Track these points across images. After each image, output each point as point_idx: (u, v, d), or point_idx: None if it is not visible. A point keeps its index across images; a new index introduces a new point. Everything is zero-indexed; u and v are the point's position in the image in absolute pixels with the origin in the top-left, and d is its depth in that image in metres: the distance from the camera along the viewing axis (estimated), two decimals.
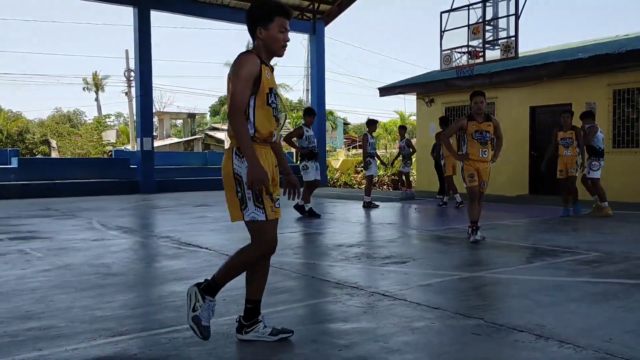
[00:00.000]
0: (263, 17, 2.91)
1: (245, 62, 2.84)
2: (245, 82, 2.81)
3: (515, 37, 11.81)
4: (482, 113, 6.55)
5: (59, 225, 8.54)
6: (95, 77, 53.16)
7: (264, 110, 2.90)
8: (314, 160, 9.51)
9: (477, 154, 6.47)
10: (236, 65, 2.85)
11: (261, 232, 2.92)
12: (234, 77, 2.83)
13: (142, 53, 16.32)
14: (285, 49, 2.97)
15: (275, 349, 2.91)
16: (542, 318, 3.41)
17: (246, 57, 2.87)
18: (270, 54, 2.97)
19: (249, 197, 2.86)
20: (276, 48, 2.94)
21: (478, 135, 6.47)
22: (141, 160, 16.45)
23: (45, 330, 3.25)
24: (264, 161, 2.89)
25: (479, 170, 6.50)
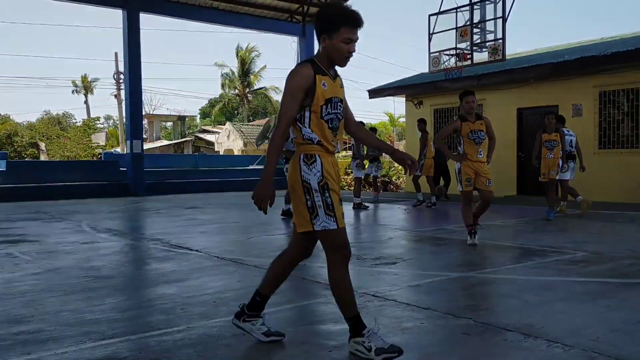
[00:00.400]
0: (329, 26, 2.80)
1: (295, 75, 2.79)
2: (291, 96, 2.78)
3: (503, 39, 11.91)
4: (474, 112, 6.49)
5: (48, 229, 8.49)
6: (85, 80, 52.86)
7: (320, 123, 2.86)
8: None
9: (475, 155, 6.36)
10: (288, 77, 2.82)
11: (332, 239, 2.82)
12: (284, 89, 2.82)
13: (131, 55, 16.26)
14: (349, 60, 2.88)
15: (265, 351, 2.92)
16: (531, 317, 3.44)
17: (297, 70, 2.81)
18: (332, 63, 2.88)
19: (320, 205, 2.78)
20: (338, 59, 2.85)
21: (473, 136, 6.37)
22: (131, 163, 16.38)
23: (34, 334, 3.23)
24: (329, 169, 2.86)
25: (478, 171, 6.36)
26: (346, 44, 2.81)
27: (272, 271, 3.10)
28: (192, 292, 4.26)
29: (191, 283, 4.58)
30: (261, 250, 6.28)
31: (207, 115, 54.07)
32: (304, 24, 19.73)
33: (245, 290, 4.29)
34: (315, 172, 2.82)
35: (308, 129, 2.90)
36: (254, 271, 5.08)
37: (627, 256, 5.55)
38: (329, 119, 2.88)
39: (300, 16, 19.71)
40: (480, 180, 6.37)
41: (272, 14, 19.51)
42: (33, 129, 41.36)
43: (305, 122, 2.88)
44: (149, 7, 16.84)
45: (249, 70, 46.82)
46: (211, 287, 4.40)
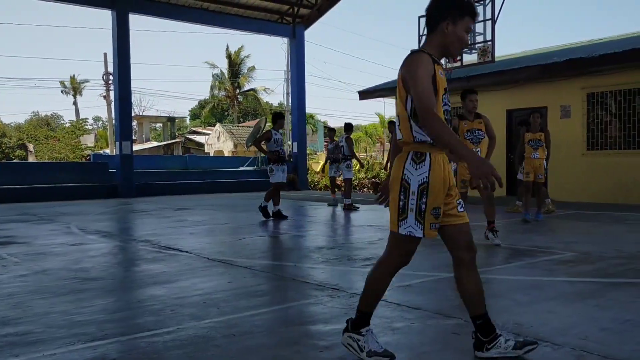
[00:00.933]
0: (456, 11, 2.63)
1: (420, 61, 2.58)
2: (426, 81, 2.54)
3: (492, 41, 11.98)
4: (474, 112, 6.46)
5: (37, 230, 8.42)
6: (73, 81, 52.52)
7: (440, 113, 2.65)
8: (280, 164, 9.71)
9: None
10: (411, 65, 2.59)
11: (407, 245, 2.73)
12: (412, 79, 2.56)
13: (120, 56, 16.18)
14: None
15: (256, 352, 2.91)
16: (520, 317, 3.46)
17: (420, 56, 2.61)
18: (445, 53, 2.73)
19: (412, 209, 2.62)
20: (455, 48, 2.70)
21: (470, 135, 6.36)
22: (120, 164, 16.29)
23: (22, 336, 3.20)
24: (440, 169, 2.66)
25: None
26: (466, 33, 2.69)
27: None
28: (181, 293, 4.24)
29: (181, 284, 4.56)
30: (251, 252, 6.27)
31: (197, 117, 53.92)
32: (294, 26, 19.73)
33: (235, 291, 4.28)
34: (420, 172, 2.62)
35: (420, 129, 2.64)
36: (244, 272, 5.07)
37: (615, 256, 5.60)
38: (445, 110, 2.72)
39: (290, 17, 19.72)
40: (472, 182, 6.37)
41: (262, 15, 19.50)
42: (21, 130, 41.04)
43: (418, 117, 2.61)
44: (138, 8, 16.77)
45: (239, 72, 46.76)
46: (201, 288, 4.38)
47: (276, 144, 9.69)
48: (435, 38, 2.69)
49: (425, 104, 2.50)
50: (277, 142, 9.70)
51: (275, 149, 9.69)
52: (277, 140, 9.73)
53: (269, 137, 9.67)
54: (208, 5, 18.19)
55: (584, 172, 12.77)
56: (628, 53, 11.53)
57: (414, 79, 2.54)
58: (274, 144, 9.68)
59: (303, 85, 20.17)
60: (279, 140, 9.78)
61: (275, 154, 9.66)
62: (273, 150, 9.68)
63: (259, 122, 25.93)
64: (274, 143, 9.68)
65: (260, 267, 5.28)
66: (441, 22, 2.65)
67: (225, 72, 46.94)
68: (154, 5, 17.09)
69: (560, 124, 13.14)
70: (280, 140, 9.87)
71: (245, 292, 4.26)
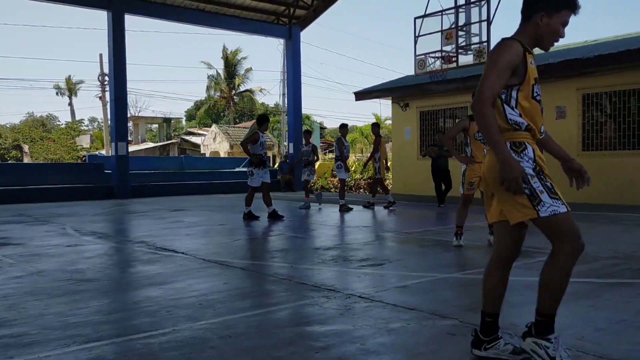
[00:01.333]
0: (553, 3, 2.57)
1: (506, 49, 2.52)
2: (500, 72, 2.49)
3: (488, 42, 12.00)
4: None
5: (32, 231, 8.39)
6: (69, 82, 52.41)
7: (530, 104, 2.59)
8: (262, 168, 9.64)
9: (480, 156, 6.25)
10: (495, 52, 2.55)
11: (568, 225, 2.57)
12: (489, 64, 2.53)
13: (116, 57, 16.15)
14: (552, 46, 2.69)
15: (252, 353, 2.91)
16: (515, 318, 3.47)
17: (508, 44, 2.55)
18: (537, 44, 2.66)
19: (541, 190, 2.54)
20: (548, 41, 2.64)
21: (480, 136, 6.26)
22: (116, 165, 16.25)
23: (17, 338, 3.19)
24: (541, 155, 2.65)
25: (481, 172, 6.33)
26: (562, 27, 2.62)
27: (487, 284, 2.83)
28: (177, 294, 4.23)
29: (177, 285, 4.56)
30: (247, 253, 6.26)
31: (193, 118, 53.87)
32: (290, 27, 19.74)
33: (231, 293, 4.28)
34: (527, 159, 2.57)
35: (515, 112, 2.59)
36: (240, 273, 5.07)
37: (610, 256, 5.62)
38: (538, 100, 2.64)
39: (286, 18, 19.73)
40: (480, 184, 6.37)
41: (258, 16, 19.50)
42: (16, 131, 40.90)
43: (512, 103, 2.58)
44: (134, 9, 16.74)
45: (235, 72, 46.74)
46: (197, 290, 4.37)
47: (261, 147, 9.66)
48: (529, 28, 2.63)
49: (485, 92, 2.48)
50: (262, 145, 9.66)
51: (260, 152, 9.65)
52: (263, 143, 9.68)
53: (256, 139, 9.53)
54: (204, 6, 18.18)
55: None
56: (623, 54, 11.58)
57: (491, 65, 2.52)
58: (259, 146, 9.61)
59: (299, 86, 20.18)
60: (264, 143, 9.72)
61: (258, 157, 9.61)
62: (257, 154, 9.61)
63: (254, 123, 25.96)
64: (259, 146, 9.61)
65: (256, 268, 5.27)
66: (536, 13, 2.59)
67: (221, 72, 46.93)
68: (150, 6, 17.07)
69: (555, 124, 13.17)
70: (266, 143, 9.80)
71: (241, 293, 4.25)
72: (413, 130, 16.84)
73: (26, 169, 18.25)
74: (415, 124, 16.77)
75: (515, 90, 2.57)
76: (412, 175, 16.56)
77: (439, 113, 16.18)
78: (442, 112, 16.14)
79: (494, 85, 2.49)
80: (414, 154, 16.68)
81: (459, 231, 6.45)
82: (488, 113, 2.47)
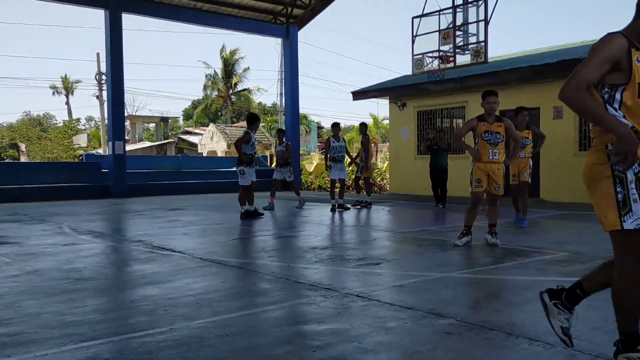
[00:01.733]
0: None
1: (608, 42, 2.38)
2: (598, 63, 2.35)
3: (485, 42, 12.02)
4: (494, 114, 6.39)
5: (28, 230, 8.37)
6: (65, 81, 52.30)
7: (636, 104, 2.40)
8: (251, 167, 9.78)
9: (487, 155, 6.28)
10: (597, 43, 2.42)
11: (633, 242, 2.40)
12: (588, 54, 2.40)
13: (113, 56, 16.11)
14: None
15: (249, 352, 2.91)
16: (513, 317, 3.48)
17: (611, 37, 2.41)
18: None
19: (635, 199, 2.37)
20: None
21: (488, 136, 6.30)
22: (113, 165, 16.22)
23: (13, 337, 3.18)
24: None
25: (491, 173, 6.32)
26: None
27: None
28: (174, 293, 4.23)
29: (174, 284, 4.55)
30: (244, 252, 6.27)
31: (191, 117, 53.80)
32: (288, 26, 19.72)
33: (228, 291, 4.28)
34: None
35: (618, 113, 2.41)
36: (237, 272, 5.07)
37: (606, 256, 5.59)
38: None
39: (284, 18, 19.70)
40: (490, 184, 6.38)
41: (255, 16, 19.47)
42: (13, 130, 40.79)
43: (614, 104, 2.42)
44: (132, 8, 16.70)
45: (233, 72, 46.70)
46: (194, 289, 4.37)
47: (252, 147, 9.79)
48: (638, 24, 2.45)
49: (582, 78, 2.33)
50: (253, 145, 9.80)
51: (251, 152, 9.78)
52: (253, 143, 9.83)
53: (248, 139, 9.67)
54: (202, 5, 18.14)
55: (576, 172, 12.77)
56: None
57: (589, 55, 2.39)
58: (250, 147, 9.74)
59: (296, 86, 20.16)
60: (254, 143, 9.88)
61: (249, 157, 9.74)
62: (248, 154, 9.73)
63: None
64: (250, 146, 9.74)
65: (254, 267, 5.27)
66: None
67: (219, 72, 46.89)
68: (147, 5, 17.03)
69: (552, 125, 13.20)
70: (255, 143, 9.96)
71: (238, 292, 4.26)
72: (410, 130, 16.85)
73: (23, 168, 18.20)
74: (412, 123, 16.78)
75: (619, 90, 2.41)
76: (409, 175, 16.58)
77: (437, 113, 16.19)
78: (440, 111, 16.15)
79: (588, 74, 2.34)
80: (411, 153, 16.69)
81: (466, 231, 6.45)
82: (584, 98, 2.31)
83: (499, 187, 6.39)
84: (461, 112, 15.39)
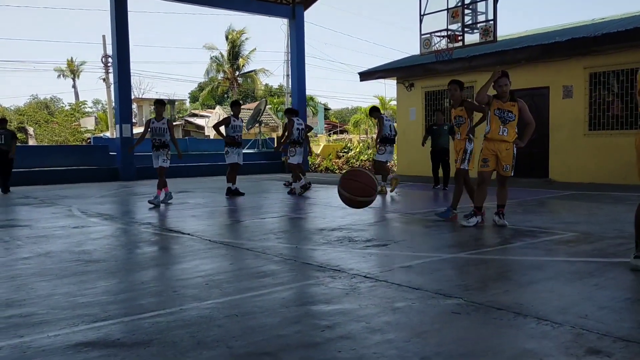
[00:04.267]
0: None
1: None
2: None
3: (494, 20, 11.88)
4: (507, 96, 6.30)
5: (38, 213, 8.44)
6: (71, 64, 52.24)
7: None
8: (235, 147, 10.70)
9: (497, 131, 6.25)
10: None
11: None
12: None
13: (119, 38, 16.07)
14: None
15: (258, 332, 2.94)
16: (520, 297, 3.48)
17: None
18: None
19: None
20: None
21: (499, 113, 6.26)
22: (120, 147, 16.26)
23: (26, 318, 3.23)
24: None
25: (499, 153, 6.31)
26: None
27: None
28: (184, 274, 4.27)
29: (183, 266, 4.59)
30: (252, 234, 6.29)
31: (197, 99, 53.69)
32: (294, 6, 19.54)
33: (237, 273, 4.31)
34: None
35: None
36: (246, 254, 5.10)
37: (615, 236, 5.62)
38: None
39: None
40: (499, 165, 6.37)
41: None
42: (21, 114, 40.94)
43: None
44: None
45: (239, 53, 46.44)
46: (203, 270, 4.41)
47: (233, 130, 10.66)
48: None
49: None
50: (234, 129, 10.67)
51: (232, 135, 10.61)
52: (235, 127, 10.68)
53: (228, 122, 10.63)
54: None
55: (585, 152, 12.74)
56: (630, 32, 11.45)
57: None
58: (231, 130, 10.66)
59: (303, 67, 20.04)
60: (236, 126, 10.69)
61: (231, 138, 10.65)
62: (230, 135, 10.65)
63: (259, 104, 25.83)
64: (231, 129, 10.66)
65: (262, 249, 5.30)
66: None
67: (224, 54, 46.63)
68: None
69: (562, 104, 13.09)
70: (239, 127, 10.77)
71: (247, 274, 4.28)
72: (418, 110, 16.76)
73: (31, 152, 18.29)
74: (420, 104, 16.68)
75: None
76: (416, 156, 16.52)
77: (444, 93, 16.06)
78: (447, 92, 16.02)
79: None
80: (418, 134, 16.60)
81: (475, 212, 6.45)
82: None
83: (506, 167, 6.37)
84: (470, 92, 15.27)
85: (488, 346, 2.69)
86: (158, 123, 9.58)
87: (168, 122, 9.84)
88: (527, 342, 2.71)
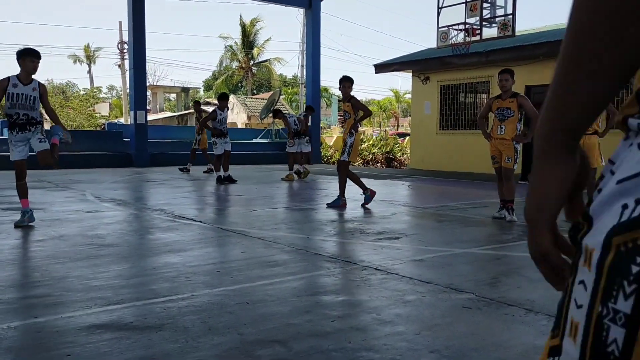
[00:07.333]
0: None
1: None
2: None
3: (513, 14, 11.76)
4: (508, 90, 6.52)
5: (52, 197, 8.53)
6: (87, 50, 52.51)
7: None
8: (222, 137, 11.16)
9: (496, 131, 6.57)
10: None
11: None
12: None
13: (135, 25, 16.11)
14: None
15: (269, 320, 2.95)
16: (532, 293, 3.46)
17: None
18: None
19: None
20: None
21: (498, 113, 6.56)
22: (134, 134, 16.36)
23: (40, 299, 3.27)
24: None
25: (500, 148, 6.56)
26: None
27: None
28: (196, 261, 4.29)
29: (195, 253, 4.62)
30: (264, 223, 6.31)
31: (211, 88, 53.80)
32: None
33: (248, 261, 4.33)
34: None
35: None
36: (258, 243, 5.12)
37: None
38: None
39: None
40: (502, 158, 6.61)
41: None
42: None
43: None
44: None
45: (253, 43, 46.40)
46: (215, 257, 4.43)
47: (220, 123, 11.15)
48: None
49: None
50: (221, 122, 11.17)
51: (219, 127, 11.13)
52: (221, 120, 11.18)
53: (214, 117, 11.10)
54: None
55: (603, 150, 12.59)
56: None
57: None
58: (217, 122, 11.14)
59: (318, 58, 19.98)
60: (222, 119, 11.21)
61: (219, 130, 11.10)
62: (218, 128, 11.11)
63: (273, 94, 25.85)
64: (217, 122, 11.14)
65: (273, 238, 5.32)
66: None
67: (239, 42, 46.60)
68: None
69: None
70: (225, 119, 11.30)
71: (258, 262, 4.30)
72: (433, 104, 16.65)
73: None
74: (435, 98, 16.58)
75: None
76: (430, 150, 16.45)
77: (460, 87, 15.96)
78: (464, 86, 15.91)
79: None
80: (433, 128, 16.53)
81: (502, 205, 6.65)
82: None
83: (508, 159, 6.52)
84: (486, 87, 15.14)
85: (498, 341, 2.69)
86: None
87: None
88: (537, 338, 2.70)
